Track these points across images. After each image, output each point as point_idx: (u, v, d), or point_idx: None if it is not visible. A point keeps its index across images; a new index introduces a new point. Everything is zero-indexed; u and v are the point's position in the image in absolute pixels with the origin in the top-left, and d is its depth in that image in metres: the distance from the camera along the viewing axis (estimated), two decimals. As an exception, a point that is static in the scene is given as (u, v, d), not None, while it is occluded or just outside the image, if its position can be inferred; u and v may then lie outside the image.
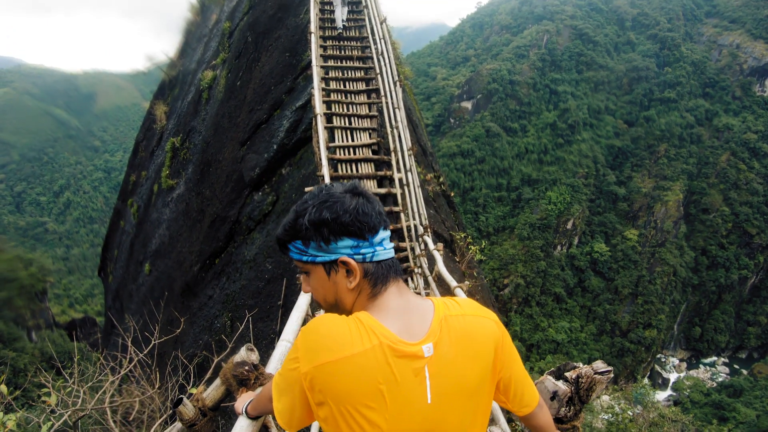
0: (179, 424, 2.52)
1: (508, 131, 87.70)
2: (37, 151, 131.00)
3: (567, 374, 2.43)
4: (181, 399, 2.48)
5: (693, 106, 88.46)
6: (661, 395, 62.74)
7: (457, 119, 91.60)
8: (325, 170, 6.82)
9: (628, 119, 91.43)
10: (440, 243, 6.14)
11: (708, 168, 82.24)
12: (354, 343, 1.14)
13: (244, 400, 2.00)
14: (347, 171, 7.69)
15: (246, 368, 2.45)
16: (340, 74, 9.37)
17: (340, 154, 7.82)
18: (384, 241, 1.28)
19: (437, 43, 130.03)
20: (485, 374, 1.29)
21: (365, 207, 1.25)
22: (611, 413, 13.39)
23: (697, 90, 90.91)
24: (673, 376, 70.47)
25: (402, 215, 7.09)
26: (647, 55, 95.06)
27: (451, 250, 8.56)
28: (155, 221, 16.18)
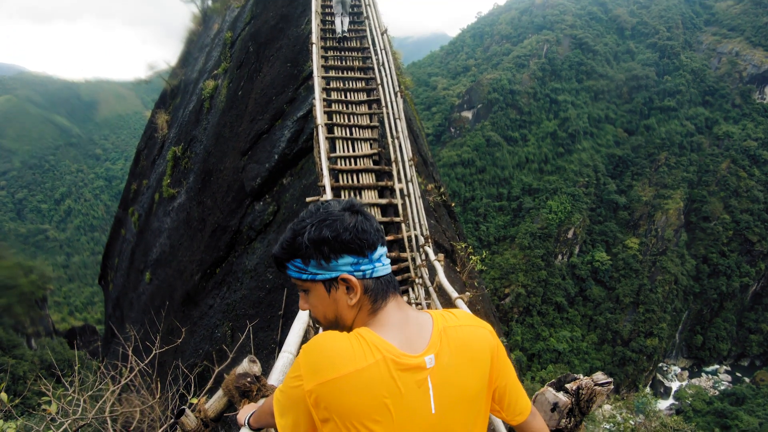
0: (181, 436, 2.53)
1: (509, 141, 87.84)
2: (39, 159, 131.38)
3: (567, 386, 2.45)
4: (184, 410, 2.49)
5: (693, 115, 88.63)
6: (663, 404, 62.40)
7: (458, 129, 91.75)
8: (327, 180, 6.84)
9: (629, 128, 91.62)
10: (441, 253, 6.16)
11: (708, 176, 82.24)
12: (357, 359, 1.15)
13: (246, 412, 2.00)
14: (348, 181, 7.71)
15: (248, 380, 2.46)
16: (342, 85, 9.41)
17: (342, 165, 7.85)
18: (382, 257, 1.31)
19: (438, 53, 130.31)
20: (483, 382, 1.32)
21: (364, 224, 1.27)
22: (613, 423, 13.35)
23: (697, 98, 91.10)
24: (675, 385, 70.07)
25: (403, 225, 7.10)
26: (647, 64, 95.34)
27: (452, 260, 8.56)
28: (156, 230, 16.17)
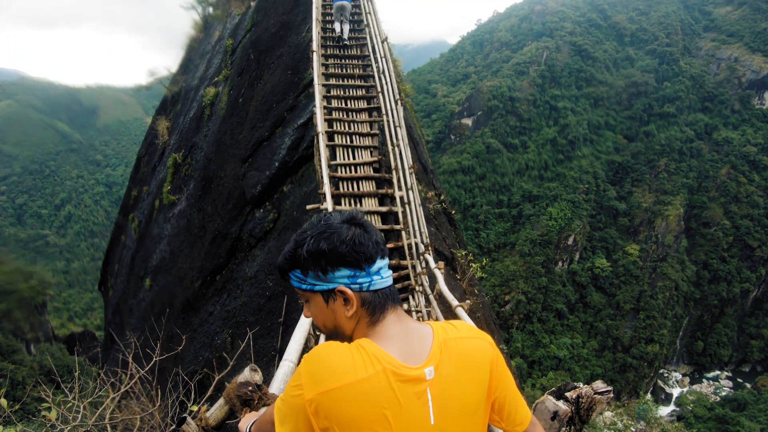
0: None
1: (509, 147, 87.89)
2: (39, 164, 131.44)
3: (567, 394, 2.46)
4: (185, 418, 2.50)
5: (692, 120, 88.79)
6: (665, 410, 62.20)
7: (458, 136, 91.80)
8: (327, 188, 6.86)
9: (628, 134, 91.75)
10: (441, 261, 6.17)
11: (708, 182, 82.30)
12: (357, 370, 1.17)
13: (248, 421, 1.99)
14: (348, 189, 7.72)
15: (249, 388, 2.48)
16: (342, 92, 9.45)
17: (342, 172, 7.87)
18: (381, 270, 1.32)
19: (438, 60, 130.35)
20: (483, 394, 1.33)
21: (362, 237, 1.29)
22: (614, 430, 13.32)
23: (696, 104, 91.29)
24: (676, 391, 69.80)
25: (403, 233, 7.11)
26: (646, 70, 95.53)
27: (452, 268, 8.57)
28: (156, 236, 16.19)
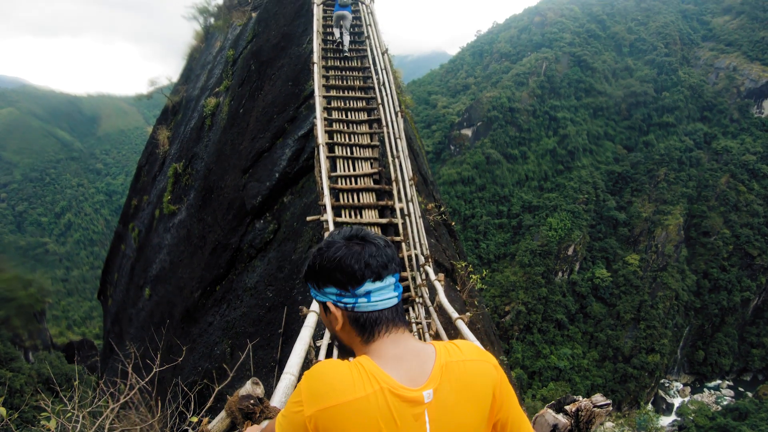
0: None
1: (509, 158, 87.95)
2: (40, 172, 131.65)
3: (567, 407, 2.49)
4: (186, 431, 2.52)
5: (691, 130, 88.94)
6: (666, 420, 61.97)
7: (458, 146, 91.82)
8: (327, 200, 6.89)
9: (628, 144, 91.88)
10: (441, 273, 6.19)
11: (708, 191, 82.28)
12: (356, 388, 1.19)
13: (249, 434, 2.05)
14: (349, 200, 7.74)
15: (251, 402, 2.49)
16: (342, 104, 9.49)
17: (342, 184, 7.89)
18: (372, 294, 1.32)
19: (438, 71, 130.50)
20: (483, 417, 1.34)
21: (350, 259, 1.30)
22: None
23: (695, 114, 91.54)
24: (678, 401, 69.36)
25: (403, 245, 7.13)
26: (645, 81, 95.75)
27: (452, 279, 8.57)
28: (156, 246, 16.17)
